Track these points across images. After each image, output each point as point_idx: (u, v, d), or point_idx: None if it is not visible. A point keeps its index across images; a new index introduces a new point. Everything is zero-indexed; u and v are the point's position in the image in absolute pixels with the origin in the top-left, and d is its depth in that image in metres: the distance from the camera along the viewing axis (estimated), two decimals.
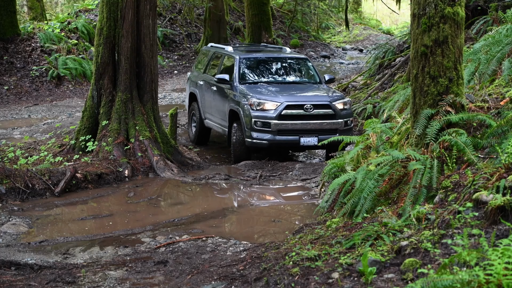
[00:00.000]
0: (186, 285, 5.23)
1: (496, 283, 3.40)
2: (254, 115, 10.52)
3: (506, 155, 4.99)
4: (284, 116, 10.51)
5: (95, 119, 10.96)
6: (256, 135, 10.56)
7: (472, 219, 4.47)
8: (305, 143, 10.57)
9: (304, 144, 10.59)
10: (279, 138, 10.53)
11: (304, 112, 10.55)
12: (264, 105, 10.56)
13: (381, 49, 18.46)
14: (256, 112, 10.54)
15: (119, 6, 10.77)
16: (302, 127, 10.58)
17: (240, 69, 11.54)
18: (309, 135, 10.55)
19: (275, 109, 10.51)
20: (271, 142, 10.53)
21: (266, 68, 12.09)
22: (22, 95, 18.13)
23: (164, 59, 23.37)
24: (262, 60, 12.14)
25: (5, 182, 8.81)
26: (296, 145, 10.68)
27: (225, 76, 11.34)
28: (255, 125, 10.52)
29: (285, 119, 10.52)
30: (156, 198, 9.27)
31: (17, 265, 6.02)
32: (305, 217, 7.93)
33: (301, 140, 10.54)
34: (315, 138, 10.52)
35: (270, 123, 10.46)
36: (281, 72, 12.12)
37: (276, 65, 12.16)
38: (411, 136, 6.37)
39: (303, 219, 7.89)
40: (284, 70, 12.20)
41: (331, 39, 33.95)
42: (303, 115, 10.57)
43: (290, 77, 12.10)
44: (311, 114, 10.58)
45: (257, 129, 10.54)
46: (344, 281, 4.28)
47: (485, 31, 12.10)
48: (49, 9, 30.63)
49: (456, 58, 6.21)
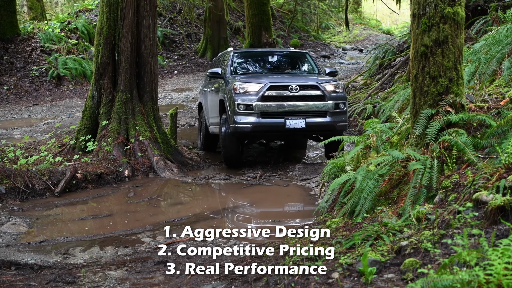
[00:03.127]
0: (186, 285, 5.23)
1: (496, 283, 3.40)
2: (237, 99, 10.11)
3: (506, 155, 4.99)
4: (267, 97, 10.08)
5: (95, 119, 10.96)
6: (239, 119, 10.11)
7: (472, 219, 4.47)
8: (291, 125, 10.05)
9: (290, 127, 10.06)
10: (263, 121, 10.09)
11: (289, 93, 10.08)
12: (247, 88, 10.15)
13: (381, 49, 18.47)
14: (240, 96, 10.13)
15: (119, 6, 10.77)
16: (287, 109, 10.10)
17: (233, 62, 11.30)
18: (295, 117, 10.07)
19: (258, 91, 10.09)
20: (254, 125, 10.09)
21: (261, 62, 11.81)
22: (22, 95, 18.13)
23: (164, 59, 23.37)
24: (257, 53, 11.92)
25: (5, 182, 8.81)
26: (282, 128, 10.11)
27: (217, 70, 11.05)
28: (238, 108, 10.09)
29: (268, 101, 10.09)
30: (156, 198, 9.27)
31: (17, 265, 6.02)
32: (305, 217, 7.93)
33: (286, 123, 10.05)
34: (301, 121, 10.07)
35: (253, 105, 10.04)
36: (277, 64, 11.82)
37: (272, 58, 11.87)
38: (411, 136, 6.37)
39: (303, 219, 7.89)
40: (280, 62, 11.90)
41: (331, 39, 33.97)
42: (288, 96, 10.10)
43: (286, 68, 11.76)
44: (297, 95, 10.11)
45: (240, 113, 10.10)
46: (344, 281, 4.28)
47: (485, 31, 12.11)
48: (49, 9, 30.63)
49: (456, 58, 6.21)
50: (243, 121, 10.11)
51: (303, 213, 8.28)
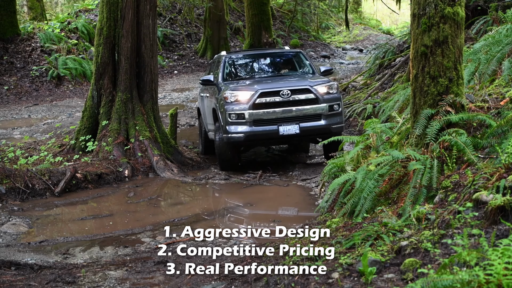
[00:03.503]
0: (186, 285, 5.23)
1: (496, 283, 3.40)
2: (229, 108, 9.88)
3: (506, 155, 4.99)
4: (258, 105, 9.82)
5: (95, 119, 10.97)
6: (232, 129, 9.88)
7: (472, 219, 4.47)
8: (284, 132, 9.80)
9: (284, 134, 9.81)
10: (256, 130, 9.83)
11: (281, 98, 9.81)
12: (238, 96, 9.90)
13: (381, 49, 18.47)
14: (231, 105, 9.89)
15: (119, 6, 10.78)
16: (280, 115, 9.84)
17: (226, 67, 11.05)
18: (288, 123, 9.82)
19: (249, 99, 9.83)
20: (247, 134, 9.84)
21: (254, 65, 11.57)
22: (22, 95, 18.14)
23: (164, 59, 23.38)
24: (249, 56, 11.66)
25: (5, 182, 8.81)
26: (275, 136, 9.86)
27: (209, 77, 10.86)
28: (229, 118, 9.86)
29: (260, 108, 9.83)
30: (156, 198, 9.27)
31: (17, 265, 6.02)
32: (305, 217, 7.93)
33: (280, 130, 9.80)
34: (295, 126, 9.81)
35: (244, 114, 9.81)
36: (270, 67, 11.56)
37: (264, 61, 11.60)
38: (411, 136, 6.37)
39: (303, 219, 7.89)
40: (273, 64, 11.63)
41: (331, 39, 33.98)
42: (280, 102, 9.83)
43: (280, 70, 11.49)
44: (289, 101, 9.84)
45: (232, 122, 9.87)
46: (344, 281, 4.28)
47: (485, 31, 12.11)
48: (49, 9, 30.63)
49: (456, 58, 6.21)
50: (235, 131, 9.89)
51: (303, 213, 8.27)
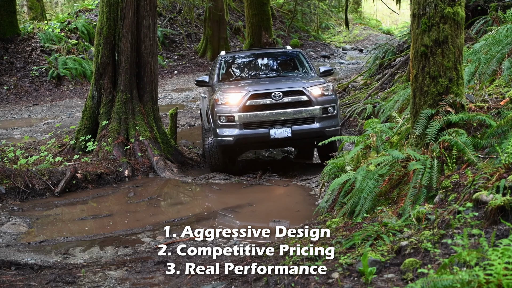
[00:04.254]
0: (186, 285, 5.23)
1: (496, 283, 3.40)
2: (219, 110, 9.64)
3: (506, 155, 4.99)
4: (249, 107, 9.55)
5: (95, 119, 10.97)
6: (222, 132, 9.65)
7: (472, 219, 4.47)
8: (276, 135, 9.51)
9: (275, 137, 9.52)
10: (246, 133, 9.57)
11: (272, 100, 9.52)
12: (228, 98, 9.65)
13: (381, 49, 18.48)
14: (221, 106, 9.66)
15: (119, 6, 10.78)
16: (271, 118, 9.53)
17: (221, 68, 10.89)
18: (280, 126, 9.51)
19: (239, 101, 9.56)
20: (237, 137, 9.59)
21: (251, 65, 11.39)
22: (22, 95, 18.14)
23: (164, 59, 23.38)
24: (247, 56, 11.50)
25: (5, 182, 8.81)
26: (266, 139, 9.58)
27: (204, 78, 10.70)
28: (219, 120, 9.62)
29: (250, 110, 9.56)
30: (156, 198, 9.27)
31: (17, 265, 6.02)
32: (305, 217, 7.93)
33: (271, 133, 9.51)
34: (287, 129, 9.50)
35: (234, 117, 9.56)
36: (267, 67, 11.34)
37: (262, 61, 11.39)
38: (411, 136, 6.37)
39: (303, 219, 7.89)
40: (270, 65, 11.41)
41: (331, 39, 33.99)
42: (272, 104, 9.53)
43: (277, 71, 11.24)
44: (281, 103, 9.53)
45: (222, 125, 9.63)
46: (344, 281, 4.28)
47: (485, 31, 12.11)
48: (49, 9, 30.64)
49: (456, 58, 6.21)
50: (225, 134, 9.66)
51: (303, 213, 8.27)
